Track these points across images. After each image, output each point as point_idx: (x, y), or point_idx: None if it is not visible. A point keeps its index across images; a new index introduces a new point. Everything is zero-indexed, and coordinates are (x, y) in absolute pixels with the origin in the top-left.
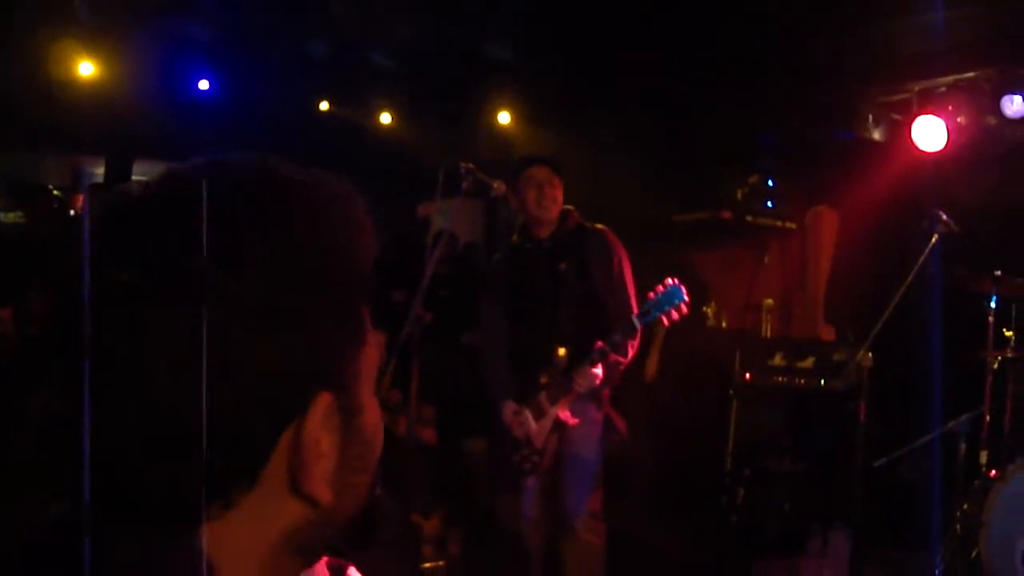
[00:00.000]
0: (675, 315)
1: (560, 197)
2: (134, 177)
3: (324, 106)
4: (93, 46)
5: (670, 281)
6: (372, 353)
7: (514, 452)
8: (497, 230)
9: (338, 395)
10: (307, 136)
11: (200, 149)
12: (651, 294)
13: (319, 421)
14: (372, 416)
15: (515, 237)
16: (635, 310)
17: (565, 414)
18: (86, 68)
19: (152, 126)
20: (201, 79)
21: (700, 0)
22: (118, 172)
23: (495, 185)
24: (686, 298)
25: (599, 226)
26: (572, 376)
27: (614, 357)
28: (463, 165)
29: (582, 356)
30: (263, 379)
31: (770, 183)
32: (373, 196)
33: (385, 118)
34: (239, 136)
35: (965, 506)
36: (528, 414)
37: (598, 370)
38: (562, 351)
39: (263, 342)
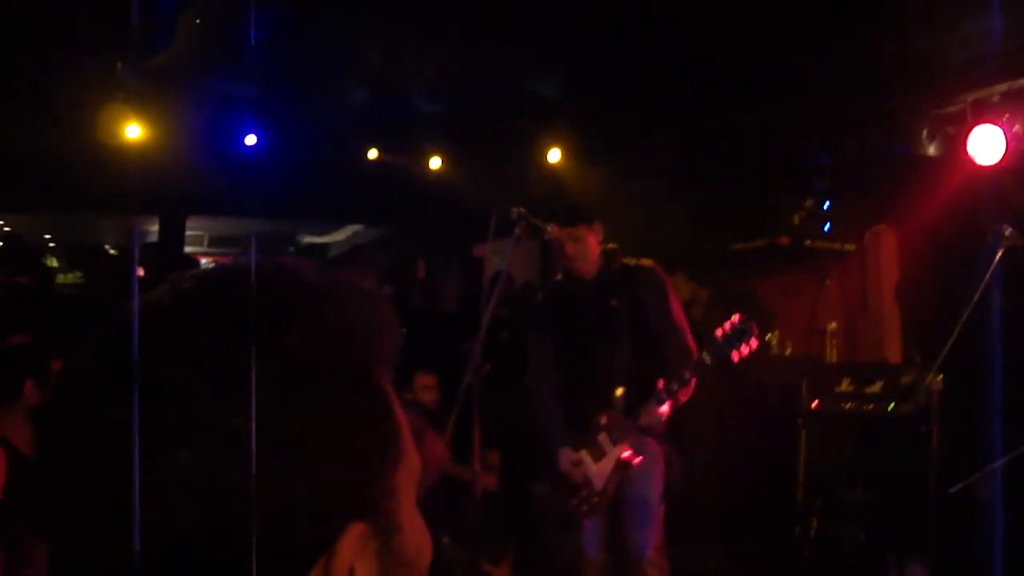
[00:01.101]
0: (745, 351)
1: (592, 246)
2: (188, 232)
3: (373, 154)
4: (139, 109)
5: (737, 318)
6: (412, 462)
7: (572, 495)
8: (553, 268)
9: (372, 520)
10: (357, 185)
11: (250, 204)
12: (719, 331)
13: (351, 550)
14: (414, 534)
15: (559, 275)
16: (691, 339)
17: (628, 454)
18: (133, 131)
19: (201, 184)
20: (248, 134)
21: (746, 24)
22: (172, 230)
23: (548, 229)
24: (755, 334)
25: (646, 262)
26: (637, 416)
27: (681, 393)
28: (515, 210)
29: (640, 394)
30: (275, 519)
31: (826, 205)
32: (426, 241)
33: (435, 162)
34: (289, 190)
35: None
36: (587, 456)
37: (665, 408)
38: (620, 390)
39: (272, 476)
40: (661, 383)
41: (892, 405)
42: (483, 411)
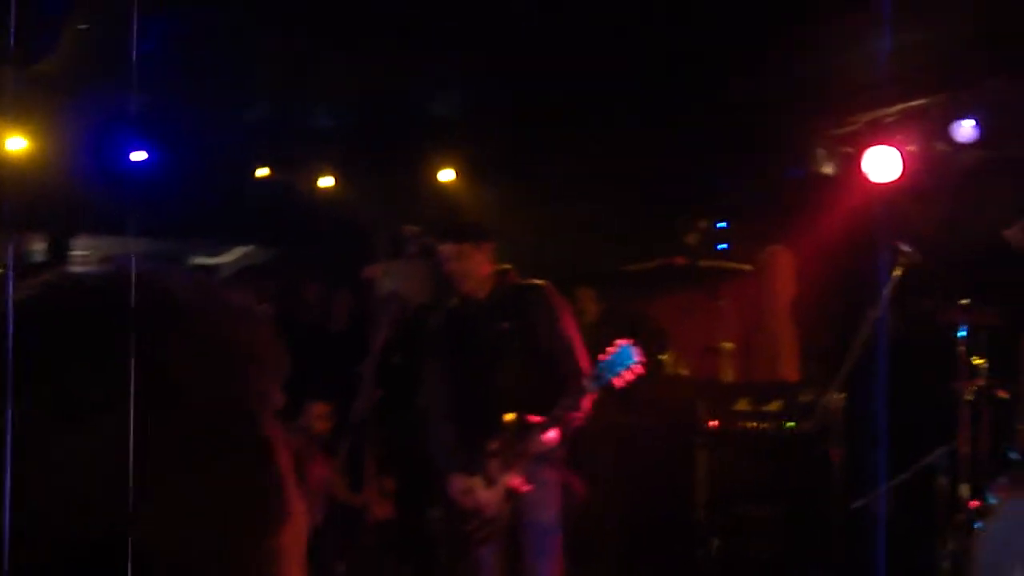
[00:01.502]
0: (628, 376)
1: (478, 264)
2: (75, 253)
3: (262, 172)
4: (23, 121)
5: (621, 341)
6: (299, 523)
7: (465, 522)
8: (446, 289)
9: None
10: (248, 204)
11: (139, 223)
12: (601, 356)
13: None
14: None
15: (454, 300)
16: (584, 364)
17: (517, 481)
18: (16, 143)
19: (88, 200)
20: (135, 149)
21: (642, 44)
22: (59, 248)
23: (440, 248)
24: (637, 358)
25: (538, 281)
26: (525, 442)
27: (569, 416)
28: (408, 229)
29: (531, 419)
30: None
31: (722, 225)
32: (318, 262)
33: (326, 180)
34: (178, 208)
35: (950, 544)
36: (478, 483)
37: (552, 435)
38: (510, 416)
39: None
40: (540, 417)
41: (791, 423)
42: (377, 437)
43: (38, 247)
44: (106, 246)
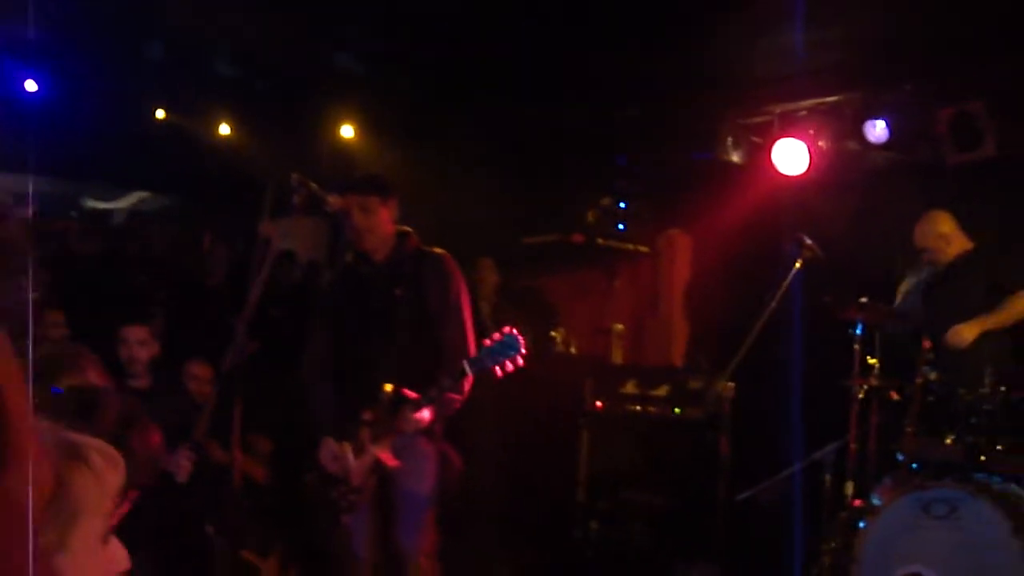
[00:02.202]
0: (509, 366)
1: (383, 221)
2: None
3: (160, 113)
4: None
5: (508, 330)
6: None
7: (332, 489)
8: (341, 248)
9: None
10: (141, 143)
11: (31, 160)
12: (487, 341)
13: None
14: None
15: (349, 257)
16: (470, 342)
17: (386, 455)
18: None
19: None
20: (28, 79)
21: (555, 16)
22: None
23: (330, 199)
24: (523, 350)
25: (438, 250)
26: (398, 417)
27: (447, 396)
28: (295, 178)
29: (411, 391)
30: None
31: (622, 205)
32: (210, 210)
33: (224, 128)
34: (72, 148)
35: (833, 542)
36: (348, 449)
37: (425, 414)
38: (388, 387)
39: None
40: (416, 394)
41: (678, 409)
42: (250, 394)
43: None
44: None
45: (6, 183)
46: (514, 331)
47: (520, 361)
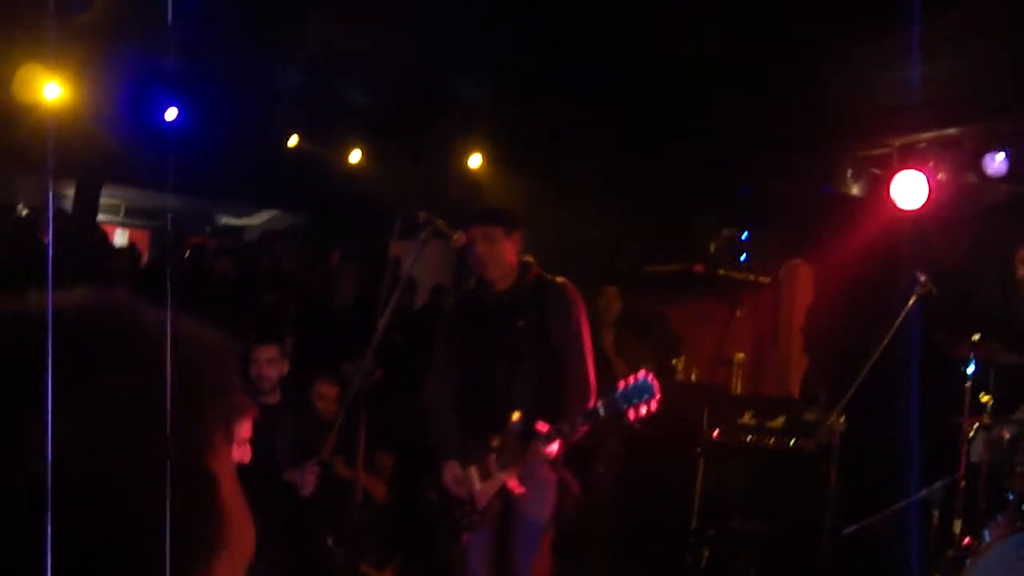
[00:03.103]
0: (643, 410)
1: (507, 252)
2: (104, 200)
3: (293, 140)
4: (60, 68)
5: (643, 373)
6: (239, 549)
7: (455, 509)
8: (466, 274)
9: None
10: (277, 170)
11: (167, 178)
12: (622, 383)
13: None
14: None
15: (473, 284)
16: (590, 373)
17: (513, 482)
18: (52, 89)
19: (120, 152)
20: (169, 107)
21: (680, 50)
22: (87, 196)
23: (454, 237)
24: (657, 395)
25: (560, 279)
26: (526, 447)
27: (574, 434)
28: (421, 214)
29: (537, 419)
30: None
31: (744, 236)
32: (339, 231)
33: (355, 156)
34: (207, 168)
35: None
36: (474, 473)
37: (553, 447)
38: (516, 415)
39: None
40: (547, 426)
41: (793, 441)
42: (374, 415)
43: (68, 193)
44: (137, 199)
45: (146, 199)
46: (650, 376)
47: (654, 405)
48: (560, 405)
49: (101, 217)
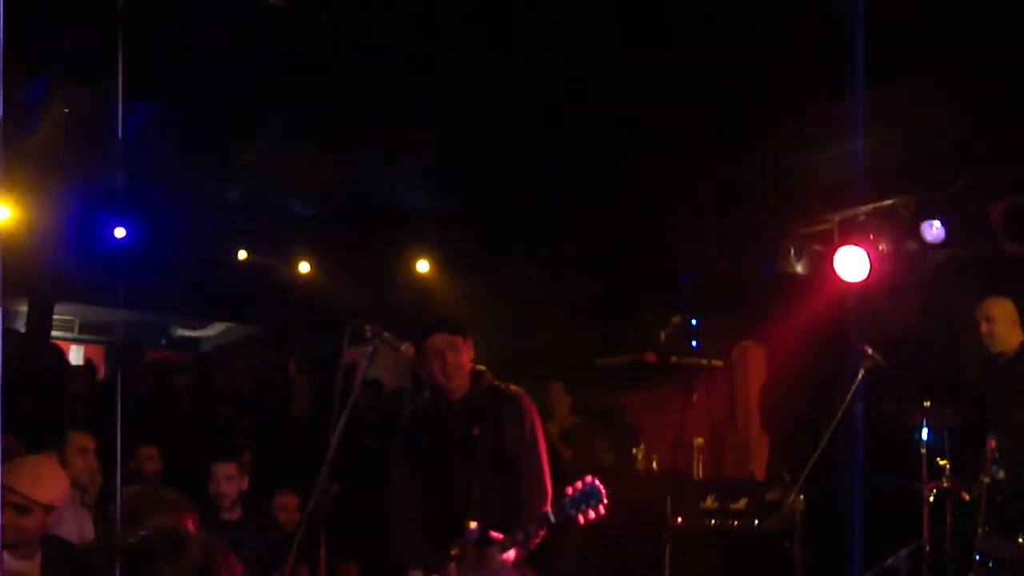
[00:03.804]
0: (592, 514)
1: (466, 360)
2: (55, 317)
3: (242, 254)
4: (7, 190)
5: (589, 479)
6: None
7: None
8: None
9: None
10: (227, 283)
11: (120, 295)
12: (569, 489)
13: None
14: None
15: (427, 394)
16: (546, 480)
17: None
18: (1, 212)
19: (71, 271)
20: (117, 226)
21: (616, 141)
22: (39, 314)
23: (403, 348)
24: (604, 500)
25: (513, 388)
26: (484, 556)
27: (530, 541)
28: (367, 327)
29: (495, 526)
30: None
31: (694, 322)
32: (293, 339)
33: (304, 267)
34: (159, 284)
35: None
36: None
37: (511, 554)
38: (474, 523)
39: None
40: (502, 535)
41: (757, 522)
42: (337, 526)
43: (20, 310)
44: (91, 314)
45: (100, 314)
46: (596, 481)
47: (602, 510)
48: (517, 512)
49: (55, 334)
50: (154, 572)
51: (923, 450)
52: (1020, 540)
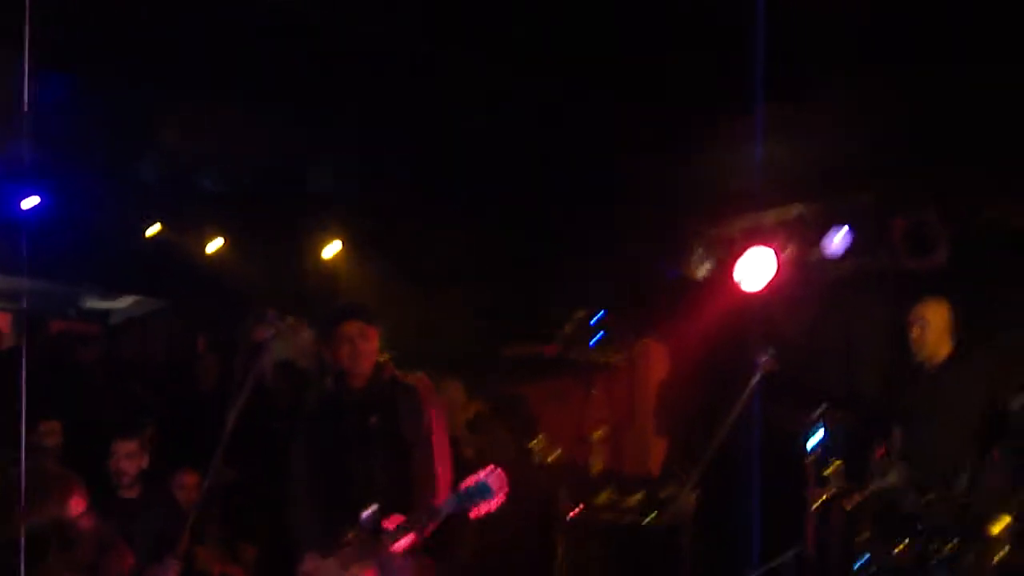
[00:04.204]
0: (484, 509)
1: (375, 348)
2: None
3: (154, 229)
4: None
5: (483, 474)
6: None
7: None
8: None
9: None
10: (135, 257)
11: (28, 263)
12: (463, 484)
13: None
14: None
15: (328, 381)
16: (439, 472)
17: (370, 573)
18: None
19: None
20: (27, 196)
21: (529, 135)
22: None
23: (303, 334)
24: (499, 495)
25: (413, 378)
26: (378, 542)
27: (423, 528)
28: (269, 313)
29: (391, 513)
30: None
31: (598, 316)
32: (203, 320)
33: (215, 244)
34: (69, 255)
35: None
36: (333, 565)
37: (404, 541)
38: (370, 509)
39: None
40: (394, 523)
41: (650, 517)
42: (236, 507)
43: None
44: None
45: (6, 282)
46: (491, 476)
47: (494, 505)
48: (412, 501)
49: None
50: (43, 566)
51: (811, 458)
52: (901, 546)
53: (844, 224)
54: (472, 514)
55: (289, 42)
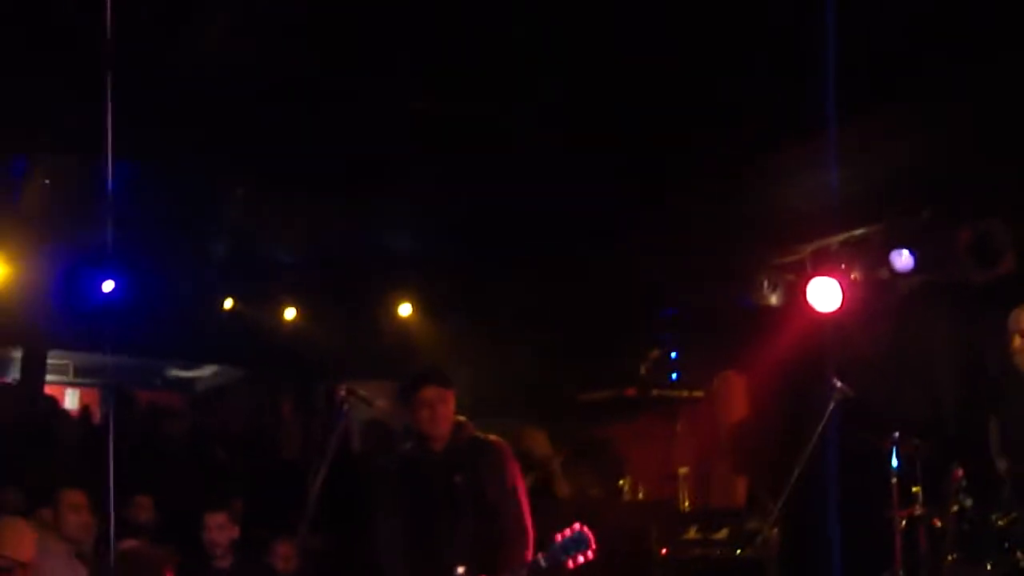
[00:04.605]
0: (580, 559)
1: (451, 411)
2: (50, 361)
3: (228, 303)
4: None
5: (577, 526)
6: None
7: None
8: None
9: None
10: (212, 333)
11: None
12: (558, 536)
13: None
14: None
15: (409, 445)
16: (527, 526)
17: None
18: None
19: (62, 322)
20: (105, 280)
21: (594, 179)
22: (32, 362)
23: (377, 404)
24: (593, 546)
25: (493, 438)
26: None
27: None
28: (340, 388)
29: (480, 571)
30: None
31: (673, 355)
32: (285, 387)
33: (289, 313)
34: (149, 332)
35: None
36: None
37: None
38: (461, 569)
39: None
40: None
41: (739, 551)
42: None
43: (15, 357)
44: (86, 358)
45: (94, 358)
46: (584, 528)
47: (590, 555)
48: (500, 557)
49: (50, 377)
50: None
51: (894, 479)
52: (988, 567)
53: (909, 241)
54: (570, 565)
55: (350, 113)
